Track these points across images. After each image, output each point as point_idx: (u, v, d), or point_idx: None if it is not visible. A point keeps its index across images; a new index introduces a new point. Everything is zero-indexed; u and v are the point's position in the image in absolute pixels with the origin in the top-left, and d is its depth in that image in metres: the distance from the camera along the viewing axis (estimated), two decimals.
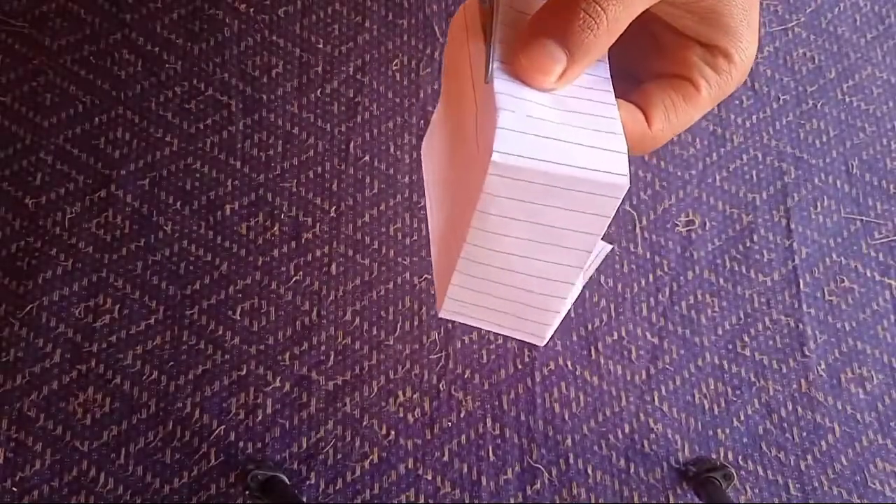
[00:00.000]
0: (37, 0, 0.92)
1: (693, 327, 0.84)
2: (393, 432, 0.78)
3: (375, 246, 0.85)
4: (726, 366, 0.82)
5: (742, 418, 0.81)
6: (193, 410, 0.78)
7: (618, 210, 0.25)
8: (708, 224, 0.88)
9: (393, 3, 0.95)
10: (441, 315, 0.28)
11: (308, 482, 0.76)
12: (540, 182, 0.22)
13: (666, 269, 0.86)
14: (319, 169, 0.88)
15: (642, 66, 0.27)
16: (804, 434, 0.80)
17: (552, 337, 0.82)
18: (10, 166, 0.86)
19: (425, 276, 0.84)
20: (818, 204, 0.90)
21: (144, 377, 0.79)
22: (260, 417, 0.78)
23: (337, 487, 0.76)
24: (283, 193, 0.86)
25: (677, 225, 0.88)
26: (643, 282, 0.85)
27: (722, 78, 0.25)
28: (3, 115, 0.88)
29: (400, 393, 0.79)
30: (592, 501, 0.77)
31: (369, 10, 0.95)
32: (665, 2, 0.23)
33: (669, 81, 0.26)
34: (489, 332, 0.82)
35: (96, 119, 0.88)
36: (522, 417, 0.79)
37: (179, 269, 0.83)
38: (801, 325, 0.84)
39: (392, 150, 0.89)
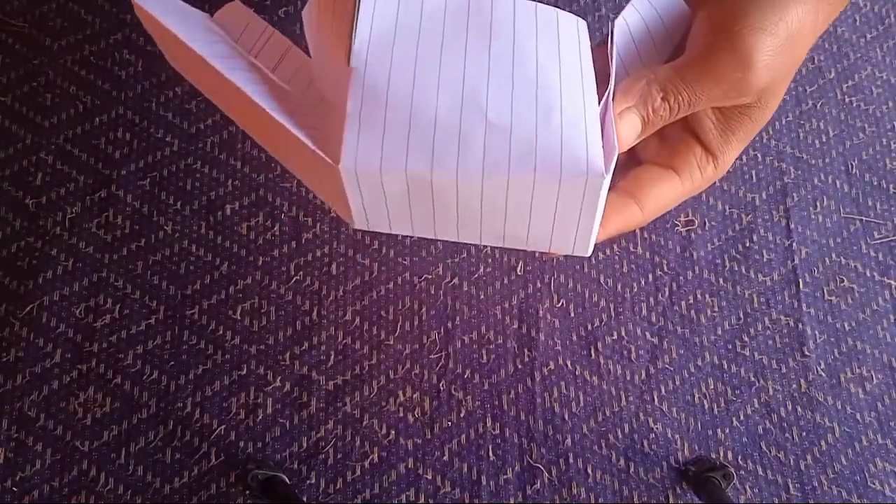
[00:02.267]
0: (37, 0, 0.93)
1: (693, 327, 0.84)
2: (393, 432, 0.78)
3: (375, 246, 0.85)
4: (726, 366, 0.82)
5: (742, 418, 0.81)
6: (194, 410, 0.78)
7: None
8: (708, 224, 0.88)
9: None
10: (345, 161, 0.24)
11: (308, 482, 0.76)
12: None
13: (666, 269, 0.86)
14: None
15: (642, 146, 0.29)
16: (804, 434, 0.80)
17: (552, 336, 0.82)
18: (10, 166, 0.86)
19: (425, 276, 0.84)
20: (818, 204, 0.90)
21: (145, 377, 0.79)
22: (260, 417, 0.78)
23: (337, 487, 0.76)
24: (283, 193, 0.86)
25: (677, 225, 0.88)
26: (643, 282, 0.85)
27: (703, 178, 0.29)
28: (3, 115, 0.88)
29: (400, 393, 0.80)
30: (592, 501, 0.77)
31: None
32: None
33: (662, 172, 0.29)
34: (489, 332, 0.82)
35: (96, 119, 0.88)
36: (522, 417, 0.79)
37: (180, 269, 0.83)
38: (800, 325, 0.84)
39: None
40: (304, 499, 0.75)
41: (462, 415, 0.79)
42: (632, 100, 0.26)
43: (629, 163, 0.30)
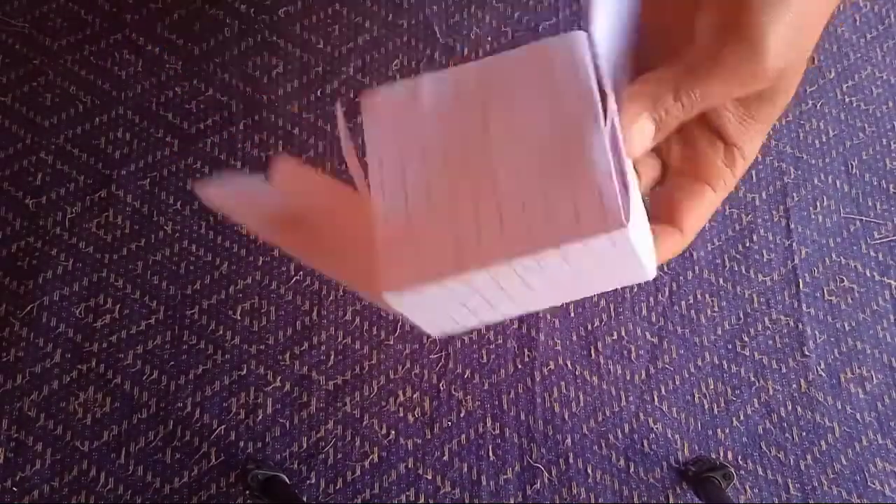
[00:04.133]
0: (37, 0, 0.93)
1: (693, 327, 0.84)
2: (393, 432, 0.78)
3: None
4: (726, 365, 0.82)
5: (742, 418, 0.81)
6: (194, 410, 0.78)
7: None
8: (708, 224, 0.88)
9: (393, 3, 0.95)
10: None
11: (308, 482, 0.76)
12: None
13: (666, 269, 0.86)
14: (319, 169, 0.87)
15: (665, 149, 0.29)
16: (804, 434, 0.80)
17: (552, 336, 0.82)
18: (10, 166, 0.86)
19: None
20: (818, 204, 0.90)
21: (145, 377, 0.79)
22: (260, 417, 0.78)
23: (337, 487, 0.76)
24: None
25: None
26: (643, 282, 0.85)
27: (735, 175, 0.28)
28: (3, 115, 0.88)
29: (400, 393, 0.80)
30: (592, 501, 0.77)
31: (369, 10, 0.95)
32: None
33: (695, 187, 0.28)
34: (489, 332, 0.82)
35: (96, 119, 0.88)
36: (522, 417, 0.79)
37: (180, 268, 0.83)
38: (800, 325, 0.84)
39: None
40: (304, 499, 0.75)
41: (462, 415, 0.79)
42: (642, 105, 0.25)
43: (656, 167, 0.29)
